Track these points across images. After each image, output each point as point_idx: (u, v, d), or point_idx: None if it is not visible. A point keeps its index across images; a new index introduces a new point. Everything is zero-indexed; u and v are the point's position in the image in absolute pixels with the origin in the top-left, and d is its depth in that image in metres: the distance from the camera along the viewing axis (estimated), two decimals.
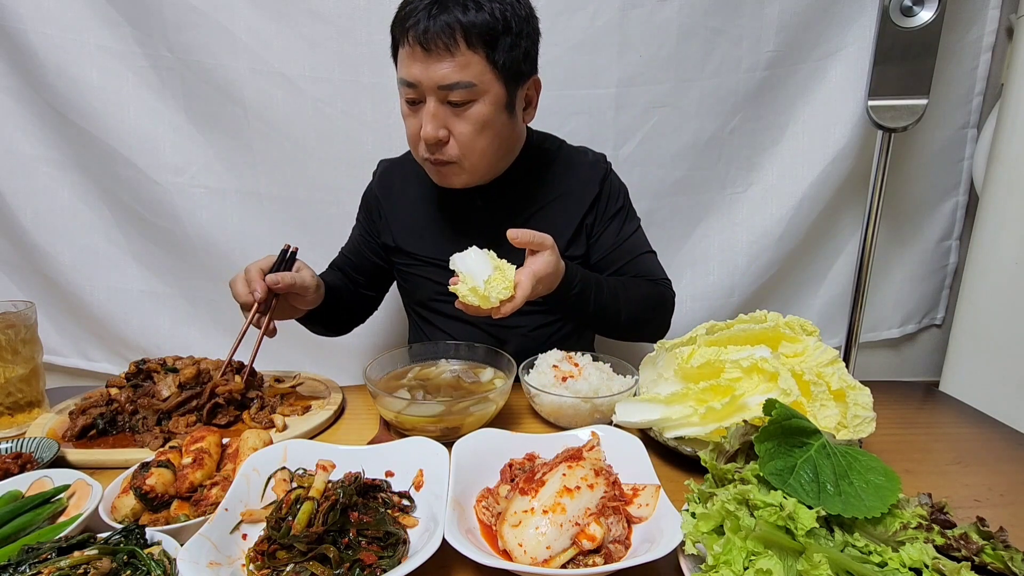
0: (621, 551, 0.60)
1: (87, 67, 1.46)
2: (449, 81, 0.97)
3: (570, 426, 0.89)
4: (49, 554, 0.57)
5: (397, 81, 1.03)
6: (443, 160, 1.04)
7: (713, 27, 1.51)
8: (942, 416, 1.03)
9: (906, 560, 0.49)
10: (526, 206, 1.18)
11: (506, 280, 0.87)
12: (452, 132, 1.02)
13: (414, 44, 0.96)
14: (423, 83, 0.98)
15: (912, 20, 1.42)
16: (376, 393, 0.87)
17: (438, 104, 0.99)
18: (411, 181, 1.22)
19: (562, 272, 0.99)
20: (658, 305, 1.19)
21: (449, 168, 1.06)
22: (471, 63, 0.97)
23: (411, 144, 1.08)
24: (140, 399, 0.93)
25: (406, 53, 0.98)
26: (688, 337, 0.91)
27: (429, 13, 0.95)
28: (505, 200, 1.16)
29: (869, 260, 1.63)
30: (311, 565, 0.56)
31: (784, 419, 0.60)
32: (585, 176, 1.21)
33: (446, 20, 0.94)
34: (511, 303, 0.88)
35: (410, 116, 1.04)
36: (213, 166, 1.57)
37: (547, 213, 1.18)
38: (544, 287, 0.95)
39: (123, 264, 1.65)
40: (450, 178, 1.08)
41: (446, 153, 1.03)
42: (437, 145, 1.02)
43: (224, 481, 0.70)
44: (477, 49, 0.97)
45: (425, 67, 0.96)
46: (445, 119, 1.01)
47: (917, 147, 1.68)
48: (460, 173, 1.07)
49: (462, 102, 1.00)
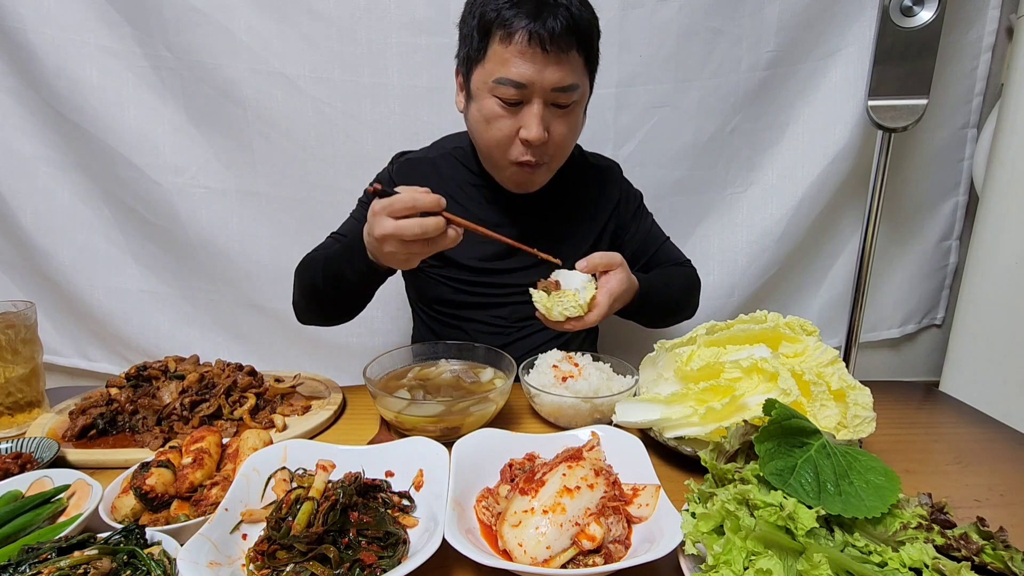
0: (621, 551, 0.60)
1: (87, 67, 1.46)
2: (564, 84, 0.96)
3: (570, 426, 0.89)
4: (49, 554, 0.57)
5: (490, 81, 0.97)
6: (536, 162, 1.03)
7: (713, 27, 1.51)
8: (942, 416, 1.03)
9: (906, 560, 0.49)
10: (556, 210, 1.18)
11: (576, 299, 0.93)
12: (550, 133, 1.00)
13: (531, 44, 0.92)
14: (535, 84, 0.95)
15: (912, 20, 1.42)
16: (376, 393, 0.87)
17: (544, 105, 0.97)
18: (437, 178, 1.17)
19: (635, 286, 1.03)
20: (692, 287, 1.29)
21: (537, 170, 1.05)
22: (577, 65, 0.97)
23: (497, 145, 1.02)
24: (140, 399, 0.93)
25: (515, 52, 0.93)
26: (688, 337, 0.91)
27: (541, 12, 0.91)
28: (539, 204, 1.16)
29: (869, 260, 1.63)
30: (311, 565, 0.56)
31: (784, 419, 0.60)
32: (605, 180, 1.25)
33: (565, 21, 0.92)
34: (578, 321, 0.93)
35: (505, 117, 0.99)
36: (213, 166, 1.57)
37: (574, 218, 1.20)
38: (620, 303, 1.00)
39: (123, 264, 1.65)
40: (534, 180, 1.08)
41: (542, 155, 1.02)
42: (538, 147, 1.00)
43: (224, 481, 0.70)
44: (580, 50, 0.97)
45: (540, 68, 0.94)
46: (548, 121, 0.99)
47: (917, 147, 1.68)
48: (545, 174, 1.08)
49: (567, 104, 0.99)
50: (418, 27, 1.48)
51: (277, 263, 1.62)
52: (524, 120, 0.98)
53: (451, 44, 1.49)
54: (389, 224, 0.82)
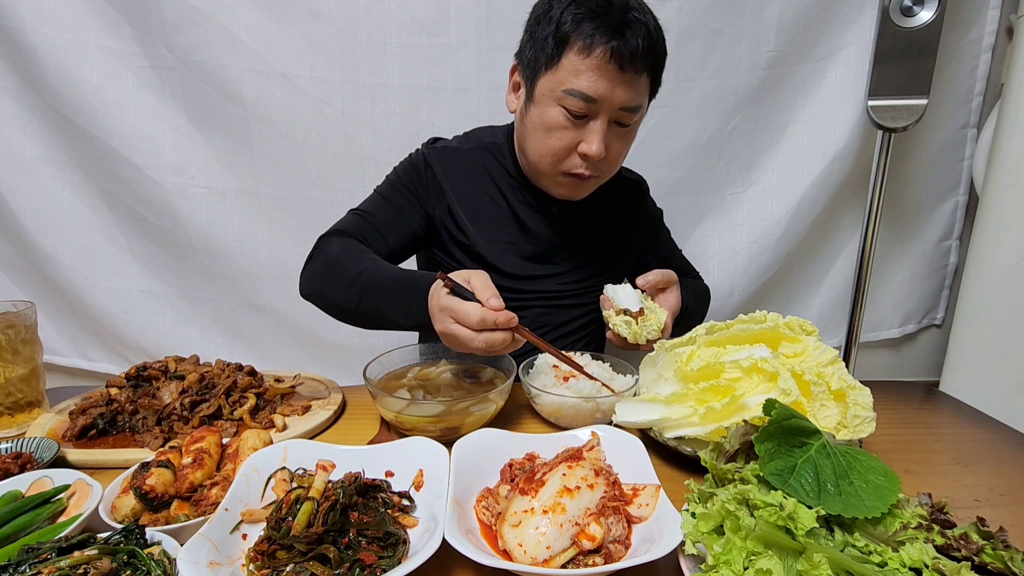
0: (621, 551, 0.60)
1: (87, 67, 1.46)
2: (633, 104, 0.96)
3: (571, 426, 0.89)
4: (49, 554, 0.57)
5: (560, 90, 0.95)
6: (589, 175, 1.02)
7: (713, 27, 1.51)
8: (942, 416, 1.03)
9: (906, 560, 0.49)
10: (590, 221, 1.19)
11: (659, 322, 0.98)
12: (608, 150, 0.99)
13: (610, 60, 0.91)
14: (606, 100, 0.94)
15: (912, 20, 1.42)
16: (376, 393, 0.87)
17: (608, 123, 0.97)
18: (479, 174, 1.15)
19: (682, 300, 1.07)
20: (707, 298, 1.34)
21: (587, 182, 1.05)
22: (644, 86, 0.98)
23: (554, 154, 1.01)
24: (140, 399, 0.93)
25: (592, 66, 0.92)
26: (688, 337, 0.91)
27: (624, 30, 0.90)
28: (574, 212, 1.16)
29: (869, 260, 1.63)
30: (311, 565, 0.56)
31: (784, 419, 0.60)
32: (635, 195, 1.28)
33: (644, 42, 0.91)
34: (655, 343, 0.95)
35: (567, 128, 0.97)
36: (213, 166, 1.57)
37: (607, 229, 1.21)
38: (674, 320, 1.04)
39: (123, 264, 1.65)
40: (583, 190, 1.08)
41: (596, 169, 1.02)
42: (594, 162, 1.00)
43: (224, 481, 0.70)
44: (650, 73, 0.97)
45: (614, 86, 0.93)
46: (608, 138, 0.99)
47: (917, 147, 1.68)
48: (592, 186, 1.08)
49: (628, 123, 0.99)
50: (418, 27, 1.48)
51: (277, 263, 1.62)
52: (587, 135, 0.97)
53: (451, 44, 1.49)
54: (455, 329, 0.80)
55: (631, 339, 0.98)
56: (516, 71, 1.06)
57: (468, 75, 1.51)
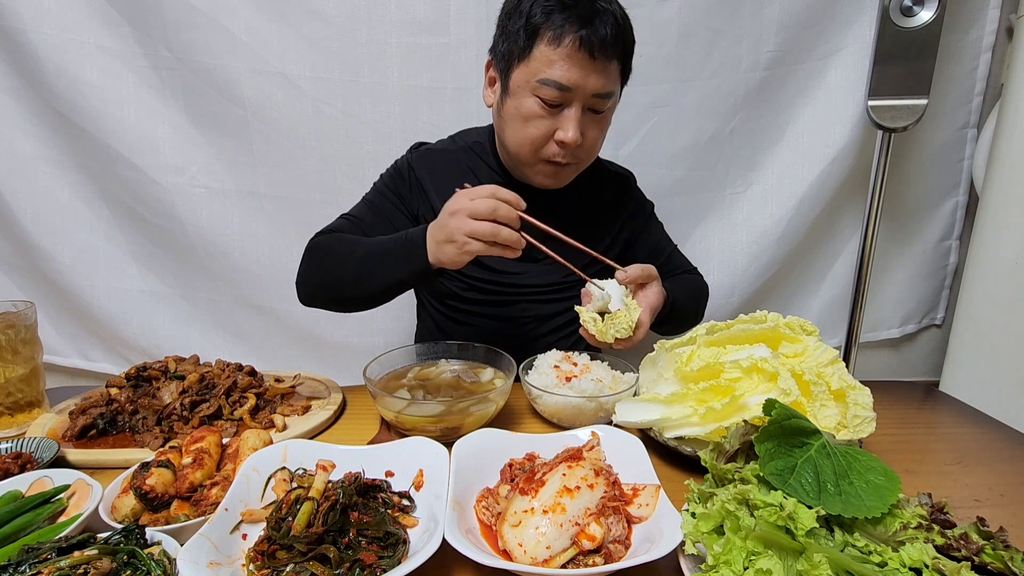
0: (621, 551, 0.60)
1: (87, 67, 1.46)
2: (605, 90, 0.98)
3: (572, 426, 0.89)
4: (49, 554, 0.57)
5: (534, 80, 0.97)
6: (568, 163, 1.05)
7: (713, 27, 1.51)
8: (942, 416, 1.03)
9: (906, 560, 0.49)
10: (573, 213, 1.18)
11: (629, 320, 0.94)
12: (584, 136, 1.02)
13: (580, 49, 0.93)
14: (579, 88, 0.96)
15: (912, 20, 1.42)
16: (376, 393, 0.87)
17: (582, 110, 0.99)
18: (458, 170, 1.17)
19: (665, 296, 1.05)
20: (703, 296, 1.32)
21: (566, 169, 1.07)
22: (615, 73, 1.00)
23: (532, 143, 1.03)
24: (140, 399, 0.93)
25: (563, 55, 0.94)
26: (688, 337, 0.91)
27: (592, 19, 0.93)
28: (557, 205, 1.16)
29: (869, 260, 1.63)
30: (311, 565, 0.56)
31: (784, 419, 0.60)
32: (620, 188, 1.27)
33: (613, 29, 0.94)
34: (627, 341, 0.95)
35: (543, 117, 1.00)
36: (213, 166, 1.57)
37: (590, 222, 1.21)
38: (655, 316, 1.02)
39: (123, 264, 1.65)
40: (563, 178, 1.10)
41: (573, 156, 1.04)
42: (572, 149, 1.02)
43: (224, 481, 0.70)
44: (620, 60, 0.99)
45: (586, 74, 0.96)
46: (584, 125, 1.01)
47: (917, 147, 1.68)
48: (572, 173, 1.10)
49: (602, 110, 1.02)
50: (418, 27, 1.48)
51: (277, 263, 1.62)
52: (562, 122, 1.00)
53: (451, 44, 1.49)
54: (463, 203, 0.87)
55: (598, 336, 0.96)
56: (491, 66, 1.09)
57: (468, 75, 1.51)
